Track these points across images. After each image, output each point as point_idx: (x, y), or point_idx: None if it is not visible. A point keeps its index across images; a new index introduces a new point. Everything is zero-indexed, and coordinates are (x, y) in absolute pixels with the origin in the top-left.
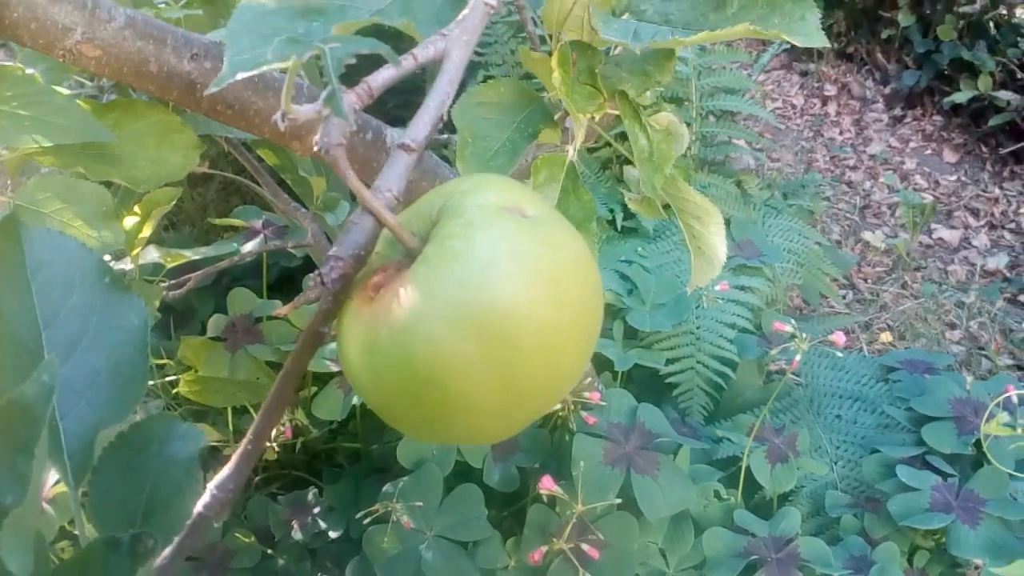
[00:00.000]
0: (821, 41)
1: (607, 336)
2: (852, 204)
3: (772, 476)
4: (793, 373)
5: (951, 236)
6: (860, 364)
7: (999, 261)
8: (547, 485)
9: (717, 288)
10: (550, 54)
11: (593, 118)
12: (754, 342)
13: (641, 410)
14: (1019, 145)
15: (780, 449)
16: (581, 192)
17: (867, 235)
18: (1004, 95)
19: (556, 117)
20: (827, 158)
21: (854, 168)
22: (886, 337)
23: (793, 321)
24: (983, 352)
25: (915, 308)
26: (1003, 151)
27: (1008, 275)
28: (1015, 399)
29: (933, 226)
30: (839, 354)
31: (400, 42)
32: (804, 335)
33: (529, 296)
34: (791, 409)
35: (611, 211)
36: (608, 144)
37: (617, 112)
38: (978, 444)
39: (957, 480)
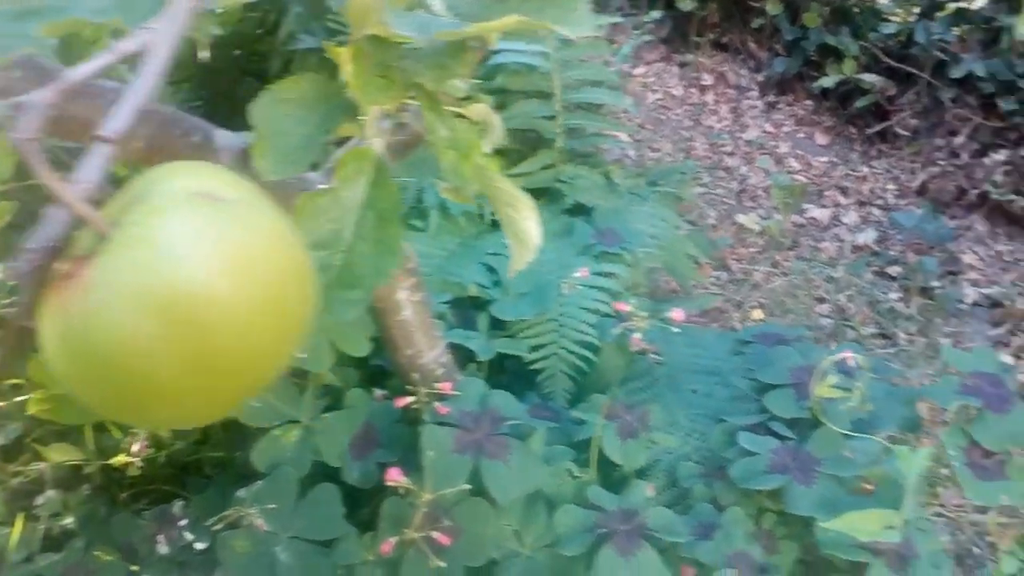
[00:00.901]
0: (590, 30)
1: (472, 328)
2: (729, 189)
3: (624, 452)
4: (655, 353)
5: (822, 215)
6: (718, 340)
7: (868, 236)
8: (393, 476)
9: (577, 275)
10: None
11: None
12: (611, 325)
13: (494, 397)
14: (884, 125)
15: (631, 425)
16: (388, 185)
17: (741, 218)
18: (868, 78)
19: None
20: (705, 145)
21: (731, 154)
22: (758, 314)
23: (634, 301)
24: (849, 324)
25: (785, 285)
26: (869, 131)
27: (876, 249)
28: (852, 363)
29: (805, 206)
30: (675, 330)
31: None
32: (644, 314)
33: (211, 276)
34: (651, 387)
35: (480, 206)
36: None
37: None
38: (824, 409)
39: (795, 443)
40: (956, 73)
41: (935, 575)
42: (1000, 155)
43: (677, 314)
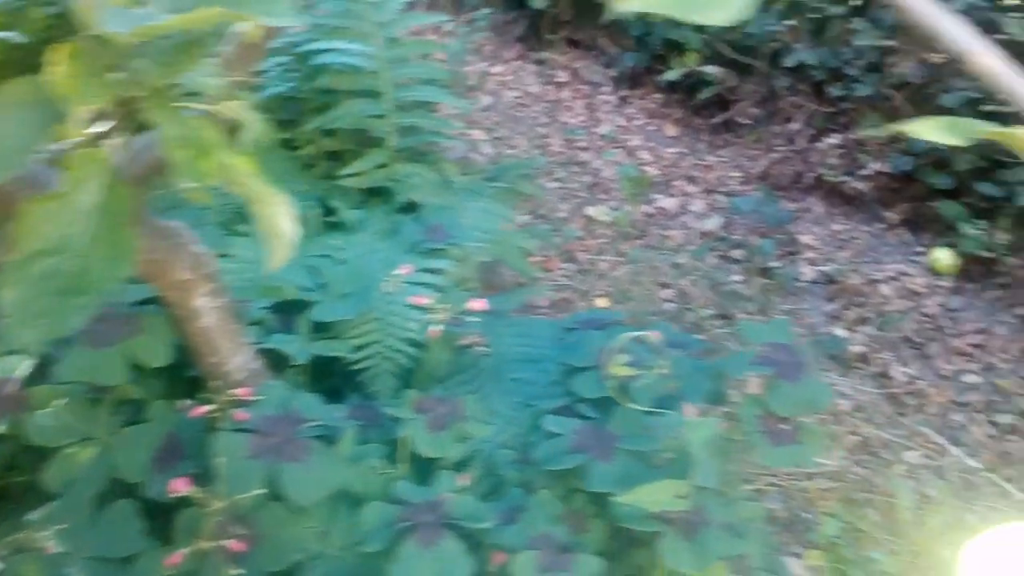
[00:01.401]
0: (289, 20)
1: (289, 331)
2: (582, 183)
3: (434, 444)
4: (482, 345)
5: (671, 204)
6: (546, 329)
7: (713, 223)
8: (180, 486)
9: (400, 272)
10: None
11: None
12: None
13: (296, 400)
14: (727, 115)
15: (443, 418)
16: (122, 189)
17: (591, 210)
18: (710, 70)
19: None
20: (561, 141)
21: (585, 149)
22: (602, 303)
23: (435, 295)
24: (689, 307)
25: (629, 273)
26: (714, 122)
27: (721, 235)
28: (654, 341)
29: (655, 196)
30: (475, 319)
31: None
32: (446, 306)
33: None
34: (475, 379)
35: (308, 208)
36: (311, 142)
37: None
38: (622, 387)
39: (598, 422)
40: (789, 62)
41: (732, 543)
42: (833, 139)
43: (477, 304)
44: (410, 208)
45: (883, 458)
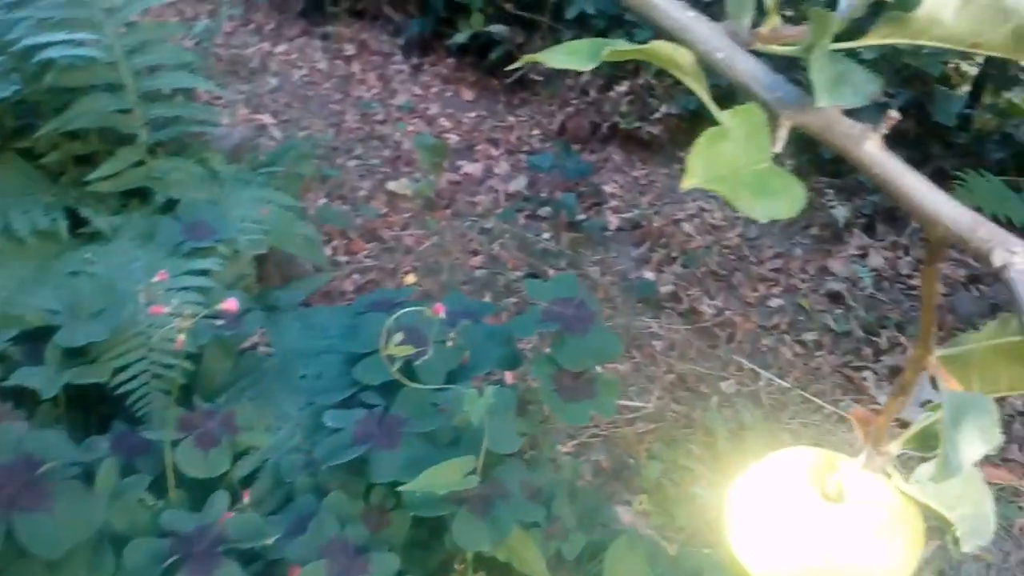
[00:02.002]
0: None
1: (38, 362)
2: (383, 157)
3: (206, 463)
4: (267, 344)
5: (475, 169)
6: (332, 317)
7: (519, 184)
8: None
9: (155, 280)
10: None
11: None
12: (209, 327)
13: (34, 440)
14: (519, 73)
15: (212, 432)
16: None
17: (392, 185)
18: (497, 29)
19: None
20: (357, 116)
21: (383, 122)
22: (410, 279)
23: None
24: (500, 272)
25: (437, 245)
26: (508, 81)
27: (527, 194)
28: (441, 315)
29: (460, 163)
30: (220, 323)
31: None
32: (188, 312)
33: None
34: (259, 383)
35: (54, 220)
36: (56, 147)
37: None
38: (409, 370)
39: (382, 409)
40: (571, 13)
41: (530, 511)
42: (623, 87)
43: (229, 305)
44: (172, 207)
45: (700, 392)
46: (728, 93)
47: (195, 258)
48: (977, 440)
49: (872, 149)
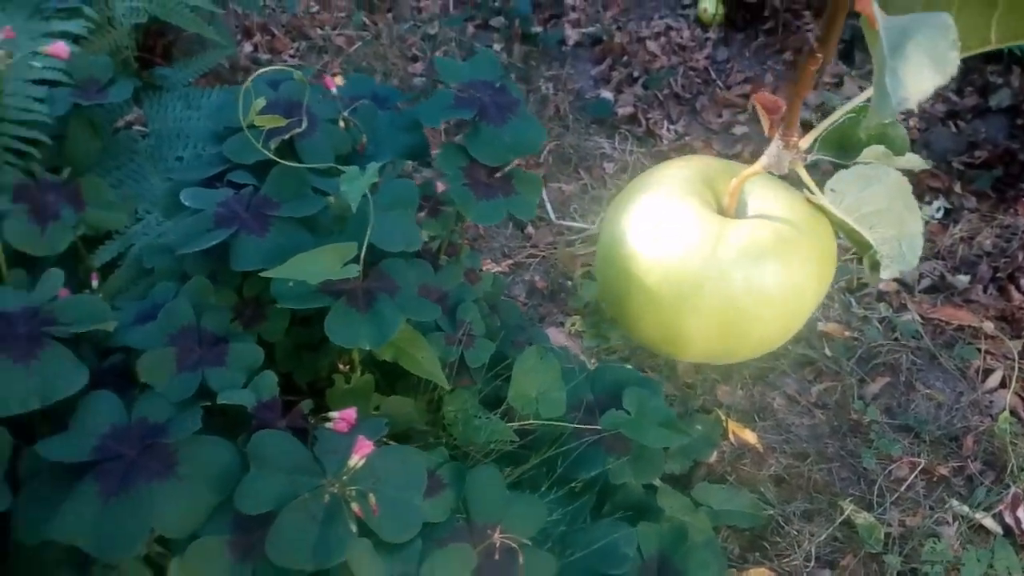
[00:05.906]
0: None
1: None
2: None
3: (43, 240)
4: (144, 124)
5: None
6: (221, 96)
7: None
8: None
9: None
10: None
11: None
12: (68, 96)
13: None
14: None
15: (52, 205)
16: None
17: None
18: None
19: None
20: None
21: None
22: (337, 80)
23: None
24: (441, 81)
25: (373, 47)
26: None
27: (478, 1)
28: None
29: None
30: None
31: None
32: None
33: None
34: (130, 164)
35: None
36: None
37: None
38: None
39: (252, 189)
40: None
41: (427, 309)
42: None
43: (55, 49)
44: None
45: None
46: None
47: (58, 20)
48: (926, 68)
49: None
